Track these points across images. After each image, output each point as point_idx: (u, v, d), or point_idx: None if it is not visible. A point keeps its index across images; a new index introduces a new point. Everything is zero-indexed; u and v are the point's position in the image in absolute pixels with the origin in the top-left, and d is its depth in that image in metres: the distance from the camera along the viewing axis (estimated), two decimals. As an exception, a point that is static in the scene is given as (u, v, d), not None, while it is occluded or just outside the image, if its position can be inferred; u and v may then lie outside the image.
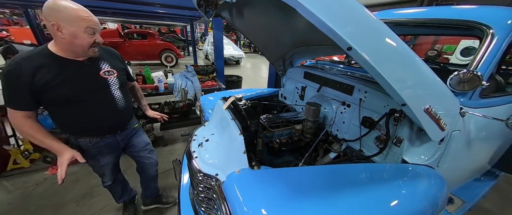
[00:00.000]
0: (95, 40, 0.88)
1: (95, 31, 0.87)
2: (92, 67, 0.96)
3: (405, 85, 0.69)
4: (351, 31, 0.59)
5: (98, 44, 0.91)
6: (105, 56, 1.03)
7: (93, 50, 0.90)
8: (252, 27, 1.43)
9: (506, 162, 1.50)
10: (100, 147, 1.09)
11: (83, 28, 0.82)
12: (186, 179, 1.33)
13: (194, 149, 1.08)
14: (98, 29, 0.88)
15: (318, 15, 0.55)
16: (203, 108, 1.69)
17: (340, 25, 0.57)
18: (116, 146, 1.17)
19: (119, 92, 1.06)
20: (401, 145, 0.91)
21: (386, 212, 0.67)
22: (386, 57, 0.65)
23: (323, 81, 1.37)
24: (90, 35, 0.86)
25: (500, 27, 0.91)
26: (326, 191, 0.71)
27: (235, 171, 0.84)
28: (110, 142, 1.11)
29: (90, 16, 0.84)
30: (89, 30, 0.84)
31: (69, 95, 0.89)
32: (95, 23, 0.85)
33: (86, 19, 0.82)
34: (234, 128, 0.94)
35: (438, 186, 0.80)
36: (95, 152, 1.09)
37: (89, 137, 1.03)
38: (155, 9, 4.19)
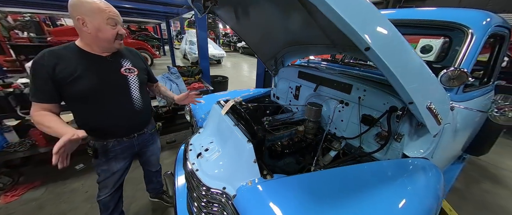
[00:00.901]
0: (117, 31, 0.87)
1: (116, 23, 0.87)
2: (114, 63, 0.96)
3: (413, 85, 0.71)
4: (369, 32, 0.58)
5: (121, 36, 0.90)
6: (127, 54, 1.04)
7: (119, 43, 0.90)
8: (245, 26, 1.36)
9: (472, 146, 1.72)
10: (116, 151, 1.06)
11: (105, 19, 0.83)
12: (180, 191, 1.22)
13: (193, 160, 0.98)
14: (119, 20, 0.88)
15: (341, 15, 0.52)
16: (194, 113, 1.56)
17: (360, 25, 0.55)
18: (131, 151, 1.14)
19: (138, 92, 1.04)
20: (402, 140, 0.95)
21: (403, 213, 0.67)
22: (398, 57, 0.66)
23: (320, 81, 1.37)
24: (113, 27, 0.86)
25: (478, 28, 1.01)
26: (343, 195, 0.69)
27: (246, 183, 0.78)
28: (126, 145, 1.09)
29: (110, 7, 0.85)
30: (111, 22, 0.85)
31: (87, 90, 0.88)
32: (115, 14, 0.86)
33: (106, 10, 0.83)
34: (240, 135, 0.87)
35: (436, 177, 0.85)
36: (110, 156, 1.06)
37: (106, 139, 1.02)
38: (123, 4, 3.56)
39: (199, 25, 2.30)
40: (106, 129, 1.00)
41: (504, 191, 2.03)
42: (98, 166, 1.09)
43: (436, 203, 0.76)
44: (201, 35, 2.32)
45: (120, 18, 0.89)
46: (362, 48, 0.61)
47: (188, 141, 1.14)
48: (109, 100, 0.95)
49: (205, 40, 2.39)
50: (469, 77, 0.89)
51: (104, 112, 0.96)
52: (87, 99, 0.91)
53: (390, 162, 0.91)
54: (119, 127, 1.04)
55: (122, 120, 1.02)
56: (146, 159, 1.32)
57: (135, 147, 1.15)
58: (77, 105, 0.94)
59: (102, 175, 1.12)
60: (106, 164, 1.08)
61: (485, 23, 1.02)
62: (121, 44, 0.93)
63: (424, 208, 0.71)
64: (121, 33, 0.89)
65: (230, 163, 0.87)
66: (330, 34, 1.16)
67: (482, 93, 1.19)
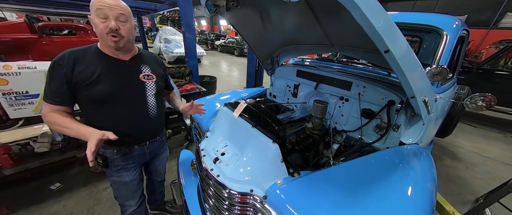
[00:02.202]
0: (108, 26, 0.76)
1: (106, 15, 0.76)
2: (133, 68, 0.92)
3: (415, 82, 0.82)
4: (390, 38, 0.65)
5: (116, 30, 0.78)
6: (147, 60, 0.99)
7: (112, 39, 0.79)
8: (247, 26, 1.36)
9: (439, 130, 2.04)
10: (126, 159, 1.00)
11: (94, 12, 0.75)
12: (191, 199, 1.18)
13: (211, 165, 0.95)
14: (109, 13, 0.76)
15: (371, 20, 0.58)
16: (194, 116, 1.50)
17: (384, 32, 0.62)
18: (142, 159, 1.09)
19: (153, 99, 0.99)
20: (399, 129, 1.09)
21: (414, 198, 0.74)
22: (406, 59, 0.75)
23: (320, 79, 1.46)
24: (102, 20, 0.76)
25: (450, 30, 1.20)
26: (363, 185, 0.75)
27: (275, 183, 0.79)
28: (138, 153, 1.04)
29: (103, 0, 0.76)
30: (99, 13, 0.75)
31: (104, 94, 0.84)
32: (103, 3, 0.74)
33: (96, 2, 0.75)
34: (262, 137, 0.88)
35: (429, 161, 0.98)
36: (121, 165, 1.00)
37: (116, 147, 0.96)
38: None
39: (187, 27, 2.21)
40: (119, 136, 0.92)
41: (461, 165, 2.46)
42: (109, 177, 1.03)
43: (435, 188, 0.87)
44: (188, 38, 2.25)
45: (112, 10, 0.76)
46: (382, 50, 0.67)
47: (199, 147, 1.10)
48: (125, 106, 0.91)
49: (192, 41, 2.32)
50: (449, 73, 1.06)
51: (118, 118, 0.91)
52: (103, 104, 0.86)
53: (391, 150, 1.03)
54: (133, 134, 0.97)
55: (136, 127, 0.97)
56: (154, 168, 1.24)
57: (147, 155, 1.09)
58: (91, 109, 0.88)
59: (116, 188, 1.06)
60: (117, 174, 1.01)
61: (456, 27, 1.22)
62: (116, 42, 0.80)
63: (428, 191, 0.80)
64: (112, 27, 0.76)
65: (254, 165, 0.87)
66: (331, 35, 1.24)
67: (451, 85, 1.42)
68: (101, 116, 0.89)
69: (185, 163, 1.52)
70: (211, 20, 25.08)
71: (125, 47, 0.85)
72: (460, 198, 1.93)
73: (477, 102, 1.05)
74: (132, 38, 0.87)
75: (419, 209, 0.66)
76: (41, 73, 1.26)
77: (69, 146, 1.69)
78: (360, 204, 0.67)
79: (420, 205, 0.68)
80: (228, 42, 13.13)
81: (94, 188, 1.76)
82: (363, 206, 0.67)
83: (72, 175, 1.91)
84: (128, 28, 0.82)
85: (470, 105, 1.07)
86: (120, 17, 0.78)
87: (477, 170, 2.37)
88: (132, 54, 0.93)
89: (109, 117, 0.90)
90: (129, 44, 0.88)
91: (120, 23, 0.79)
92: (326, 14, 1.03)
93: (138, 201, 1.11)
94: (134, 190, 1.08)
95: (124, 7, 0.79)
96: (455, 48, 1.24)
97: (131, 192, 1.07)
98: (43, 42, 5.04)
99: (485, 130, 3.59)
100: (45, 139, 1.64)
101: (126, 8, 0.80)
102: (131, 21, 0.83)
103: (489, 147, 2.96)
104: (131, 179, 1.05)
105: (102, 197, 1.68)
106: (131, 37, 0.86)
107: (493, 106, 1.03)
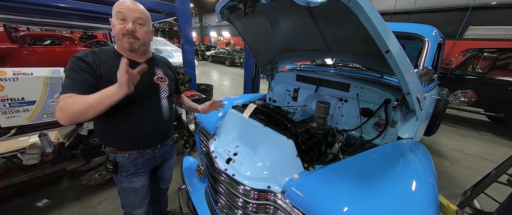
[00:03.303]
0: (125, 27, 0.79)
1: (125, 17, 0.79)
2: (149, 71, 0.90)
3: (409, 80, 0.93)
4: (389, 39, 0.74)
5: (132, 32, 0.80)
6: (159, 63, 1.01)
7: (128, 41, 0.81)
8: (252, 33, 1.44)
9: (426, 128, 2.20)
10: (137, 164, 0.98)
11: (115, 14, 0.79)
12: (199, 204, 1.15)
13: (225, 166, 0.96)
14: (129, 15, 0.79)
15: (376, 24, 0.67)
16: (199, 121, 1.50)
17: (385, 34, 0.71)
18: (153, 164, 1.06)
19: (166, 101, 1.01)
20: (396, 125, 1.18)
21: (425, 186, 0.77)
22: (402, 59, 0.85)
23: (319, 82, 1.55)
24: (121, 22, 0.79)
25: (430, 37, 1.36)
26: (372, 176, 0.80)
27: (292, 178, 0.82)
28: (149, 158, 1.02)
29: (123, 3, 0.79)
30: (119, 15, 0.78)
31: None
32: (123, 7, 0.78)
33: (118, 5, 0.79)
34: (276, 134, 0.91)
35: (426, 152, 1.07)
36: (131, 171, 0.97)
37: (128, 151, 0.95)
38: (73, 4, 2.39)
39: (185, 38, 2.28)
40: (133, 138, 0.94)
41: (446, 161, 2.65)
42: (119, 184, 0.99)
43: (434, 174, 0.91)
44: (187, 49, 2.34)
45: (132, 13, 0.79)
46: (384, 51, 0.77)
47: (209, 149, 1.10)
48: (140, 108, 0.91)
49: (191, 52, 2.41)
50: (434, 74, 1.19)
51: (132, 120, 0.90)
52: (118, 105, 0.82)
53: (392, 144, 1.11)
54: (146, 137, 0.97)
55: (150, 129, 0.96)
56: (162, 174, 1.21)
57: (157, 159, 1.07)
58: (105, 111, 0.83)
59: (124, 196, 1.01)
60: (127, 180, 0.97)
61: (435, 34, 1.39)
62: (131, 43, 0.82)
63: (431, 178, 0.83)
64: (129, 29, 0.79)
65: (269, 162, 0.90)
66: (329, 41, 1.35)
67: (434, 86, 1.58)
68: (115, 117, 0.88)
69: (189, 169, 1.50)
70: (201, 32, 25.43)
71: (139, 49, 0.87)
72: (450, 192, 2.06)
73: (460, 99, 1.19)
74: (148, 41, 0.89)
75: (426, 194, 0.71)
76: (39, 79, 1.21)
77: (61, 157, 1.59)
78: (374, 192, 0.72)
79: (427, 191, 0.73)
80: (218, 53, 13.32)
81: (88, 203, 1.64)
82: (378, 194, 0.71)
83: (62, 190, 1.77)
84: (145, 31, 0.85)
85: (454, 101, 1.21)
86: (138, 20, 0.81)
87: (461, 165, 2.56)
88: (146, 57, 0.95)
89: (123, 119, 0.89)
90: (144, 47, 0.90)
91: (137, 26, 0.82)
92: (326, 21, 1.13)
93: (145, 210, 1.07)
94: (143, 197, 1.04)
95: (143, 11, 0.83)
96: (435, 53, 1.41)
97: (140, 199, 1.03)
98: (24, 52, 4.78)
99: (462, 129, 3.92)
100: (34, 150, 1.54)
101: (145, 13, 0.83)
102: (148, 26, 0.86)
103: (468, 144, 3.23)
104: (141, 185, 1.02)
105: (97, 212, 1.57)
106: (147, 40, 0.88)
107: (472, 102, 1.16)
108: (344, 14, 0.94)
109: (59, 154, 1.59)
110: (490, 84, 3.64)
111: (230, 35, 21.59)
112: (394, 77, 1.38)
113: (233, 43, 20.00)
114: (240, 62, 11.79)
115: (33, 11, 3.26)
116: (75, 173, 1.93)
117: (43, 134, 1.53)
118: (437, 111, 1.98)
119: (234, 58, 11.94)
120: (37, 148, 1.56)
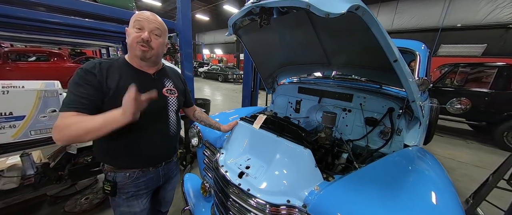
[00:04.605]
0: (140, 36, 0.77)
1: (142, 27, 0.78)
2: (158, 82, 0.91)
3: (414, 88, 0.97)
4: (394, 48, 0.79)
5: (147, 42, 0.79)
6: (170, 74, 0.98)
7: (141, 48, 0.79)
8: (256, 47, 1.48)
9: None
10: (139, 184, 0.90)
11: (133, 23, 0.79)
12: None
13: (237, 181, 0.90)
14: (146, 25, 0.79)
15: (385, 35, 0.71)
16: (203, 134, 1.44)
17: (392, 45, 0.76)
18: (156, 183, 0.98)
19: (174, 115, 0.96)
20: (401, 133, 1.21)
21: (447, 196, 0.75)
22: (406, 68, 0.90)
23: (321, 94, 1.59)
24: (137, 30, 0.78)
25: (421, 51, 1.48)
26: (396, 184, 0.79)
27: (313, 190, 0.78)
28: (151, 177, 0.93)
29: (143, 13, 0.80)
30: (136, 24, 0.78)
31: None
32: (142, 17, 0.78)
33: (136, 14, 0.79)
34: (292, 144, 0.89)
35: (435, 159, 1.08)
36: (132, 192, 0.89)
37: (129, 170, 0.87)
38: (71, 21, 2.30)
39: (185, 55, 2.33)
40: (137, 155, 0.86)
41: (443, 170, 2.70)
42: (116, 208, 0.88)
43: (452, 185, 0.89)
44: (187, 66, 2.37)
45: (150, 23, 0.79)
46: (392, 60, 0.81)
47: (218, 163, 1.04)
48: (147, 121, 0.84)
49: (190, 69, 2.43)
50: (430, 83, 1.27)
51: (137, 135, 0.84)
52: None
53: (402, 152, 1.11)
54: (151, 153, 0.89)
55: (156, 144, 0.89)
56: (164, 195, 1.09)
57: (161, 178, 0.97)
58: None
59: None
60: (126, 203, 0.87)
61: (424, 48, 1.52)
62: (144, 52, 0.80)
63: (450, 185, 0.83)
64: (144, 38, 0.78)
65: (286, 174, 0.85)
66: (330, 54, 1.42)
67: (427, 96, 1.68)
68: (120, 132, 0.81)
69: (192, 187, 1.39)
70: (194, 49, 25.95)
71: (151, 59, 0.85)
72: (452, 201, 2.07)
73: (456, 106, 1.26)
74: (161, 53, 0.88)
75: (453, 204, 0.69)
76: (32, 92, 1.13)
77: (45, 179, 1.42)
78: (402, 203, 0.69)
79: (452, 201, 0.71)
80: (212, 69, 13.51)
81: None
82: (406, 205, 0.68)
83: (40, 218, 1.55)
84: (160, 42, 0.84)
85: (451, 109, 1.28)
86: (155, 31, 0.81)
87: (457, 173, 2.63)
88: (156, 69, 0.92)
89: (127, 133, 0.83)
90: (156, 58, 0.88)
91: (153, 36, 0.81)
92: (329, 34, 1.20)
93: None
94: None
95: (161, 23, 0.83)
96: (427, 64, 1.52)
97: None
98: (7, 68, 4.54)
99: (451, 138, 4.11)
100: (13, 172, 1.37)
101: (162, 24, 0.84)
102: (164, 38, 0.86)
103: (459, 152, 3.36)
104: (141, 209, 0.91)
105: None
106: (160, 51, 0.87)
107: (468, 109, 1.24)
108: (350, 27, 1.01)
109: (42, 176, 1.42)
110: (468, 95, 3.94)
111: (222, 53, 22.18)
112: (393, 88, 1.45)
113: (225, 60, 20.47)
114: (233, 78, 11.97)
115: (22, 26, 3.13)
116: (57, 198, 1.71)
117: (26, 153, 1.38)
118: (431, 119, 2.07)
119: (227, 74, 12.12)
120: (17, 169, 1.39)
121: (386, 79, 1.44)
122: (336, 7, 0.59)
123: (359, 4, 0.61)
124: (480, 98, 3.77)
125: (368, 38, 0.77)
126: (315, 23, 1.15)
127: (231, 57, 19.71)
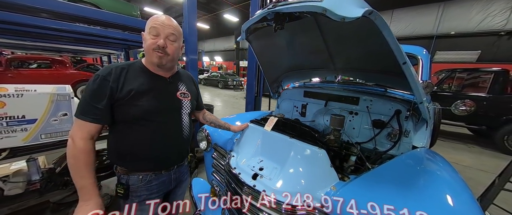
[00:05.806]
0: (156, 42, 0.79)
1: (158, 33, 0.79)
2: (173, 85, 0.93)
3: (421, 90, 1.01)
4: (403, 51, 0.82)
5: (163, 48, 0.80)
6: (183, 78, 1.00)
7: (157, 55, 0.81)
8: (264, 52, 1.52)
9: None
10: (152, 187, 0.90)
11: (148, 29, 0.80)
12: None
13: (252, 182, 0.90)
14: (162, 31, 0.80)
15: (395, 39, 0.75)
16: (212, 137, 1.45)
17: (399, 47, 0.79)
18: (167, 187, 0.98)
19: (187, 118, 0.98)
20: (409, 135, 1.22)
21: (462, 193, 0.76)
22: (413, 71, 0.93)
23: (327, 97, 1.61)
24: (153, 37, 0.79)
25: (423, 55, 1.54)
26: (411, 183, 0.79)
27: (329, 190, 0.79)
28: (164, 180, 0.94)
29: (159, 18, 0.81)
30: (152, 31, 0.79)
31: (145, 109, 0.81)
32: (158, 22, 0.79)
33: (152, 20, 0.80)
34: (307, 145, 0.90)
35: (444, 160, 1.09)
36: (144, 196, 0.89)
37: (142, 172, 0.88)
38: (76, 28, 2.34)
39: (191, 63, 2.37)
40: (150, 157, 0.87)
41: (447, 174, 2.70)
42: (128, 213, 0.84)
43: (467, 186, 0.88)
44: (192, 74, 2.44)
45: (165, 29, 0.80)
46: (401, 62, 0.84)
47: (229, 166, 1.05)
48: (161, 124, 0.86)
49: (195, 77, 2.49)
50: (434, 86, 1.31)
51: (153, 136, 0.86)
52: (139, 121, 0.81)
53: (411, 154, 1.12)
54: (165, 155, 0.90)
55: (169, 147, 0.91)
56: (174, 199, 1.07)
57: (172, 182, 0.98)
58: (125, 127, 0.83)
59: None
60: (138, 207, 0.84)
61: (425, 53, 1.57)
62: (160, 58, 0.82)
63: (465, 186, 0.81)
64: (160, 45, 0.79)
65: (301, 174, 0.86)
66: (336, 58, 1.46)
67: (430, 99, 1.71)
68: (135, 134, 0.83)
69: (201, 192, 1.38)
70: (192, 57, 26.24)
71: (167, 65, 0.87)
72: (459, 205, 2.05)
73: (460, 107, 1.29)
74: (176, 57, 0.89)
75: (472, 205, 0.69)
76: (45, 95, 1.14)
77: (51, 185, 1.40)
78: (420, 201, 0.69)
79: (471, 202, 0.70)
80: (212, 76, 13.64)
81: None
82: (424, 202, 0.68)
83: (42, 226, 1.50)
84: (176, 47, 0.86)
85: (456, 111, 1.31)
86: (170, 36, 0.82)
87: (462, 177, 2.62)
88: (171, 73, 0.94)
89: (143, 135, 0.84)
90: (172, 63, 0.90)
91: (169, 42, 0.83)
92: (336, 39, 1.24)
93: None
94: None
95: (176, 27, 0.85)
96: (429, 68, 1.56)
97: None
98: (9, 75, 4.55)
99: (452, 143, 4.13)
100: (19, 177, 1.35)
101: (177, 29, 0.86)
102: (179, 42, 0.88)
103: (461, 157, 3.37)
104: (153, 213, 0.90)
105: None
106: (176, 56, 0.89)
107: (472, 111, 1.27)
108: (357, 32, 1.05)
109: (48, 182, 1.40)
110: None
111: (222, 60, 22.45)
112: (398, 91, 1.48)
113: (225, 67, 20.70)
114: (233, 84, 12.05)
115: (27, 33, 3.12)
116: (60, 204, 1.67)
117: (32, 158, 1.37)
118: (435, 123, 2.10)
119: (227, 80, 12.22)
120: (23, 175, 1.37)
121: (391, 83, 1.48)
122: (351, 12, 0.63)
123: (372, 10, 0.65)
124: (478, 103, 3.83)
125: (375, 43, 0.81)
126: (322, 28, 1.20)
127: (231, 64, 19.94)
